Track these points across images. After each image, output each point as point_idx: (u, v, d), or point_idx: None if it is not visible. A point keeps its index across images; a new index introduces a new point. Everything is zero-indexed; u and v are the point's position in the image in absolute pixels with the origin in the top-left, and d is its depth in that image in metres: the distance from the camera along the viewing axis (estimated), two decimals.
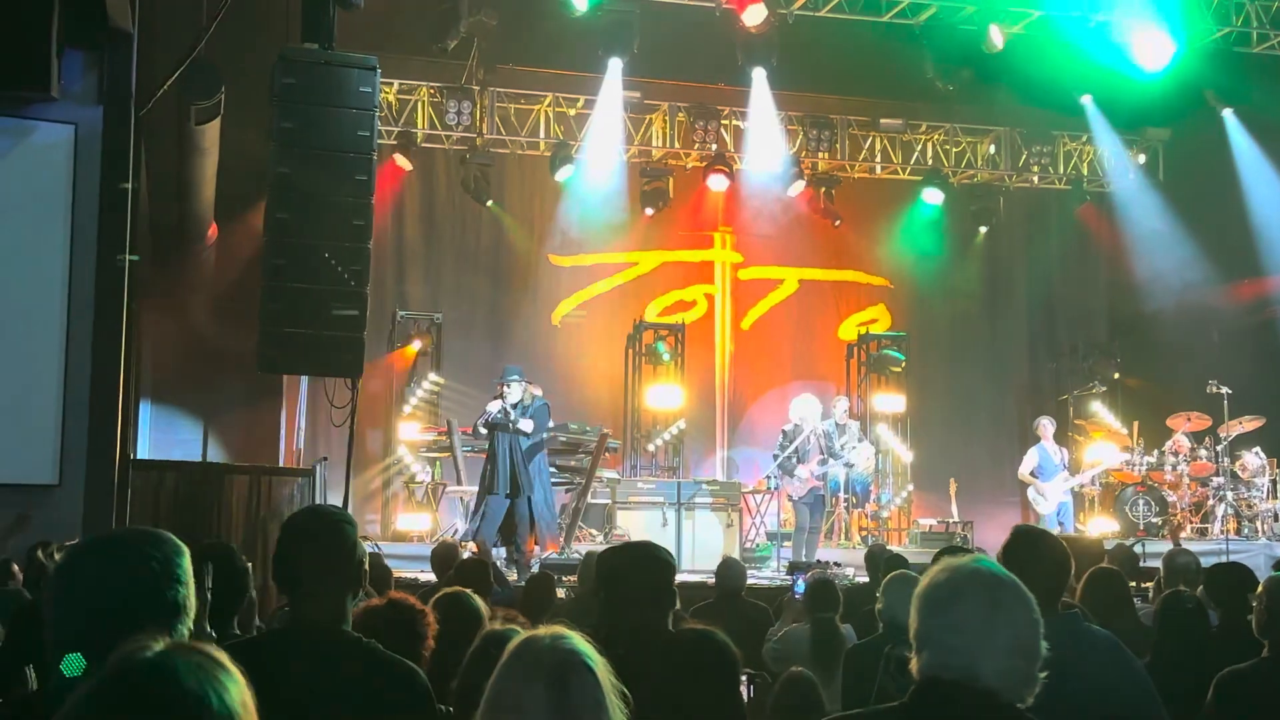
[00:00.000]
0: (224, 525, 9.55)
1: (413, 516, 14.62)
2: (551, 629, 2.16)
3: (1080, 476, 14.85)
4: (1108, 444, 15.62)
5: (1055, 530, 13.47)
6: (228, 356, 13.10)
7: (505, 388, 11.65)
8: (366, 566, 3.17)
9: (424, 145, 16.37)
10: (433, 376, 15.79)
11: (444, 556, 8.56)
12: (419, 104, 16.25)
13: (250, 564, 4.39)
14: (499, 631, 3.39)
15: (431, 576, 8.83)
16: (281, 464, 13.36)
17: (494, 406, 11.65)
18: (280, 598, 5.39)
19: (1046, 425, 14.55)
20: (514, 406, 11.54)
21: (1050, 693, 3.75)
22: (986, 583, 2.38)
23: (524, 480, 11.45)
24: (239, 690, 1.66)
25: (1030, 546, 3.84)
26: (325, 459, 12.13)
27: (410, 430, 15.32)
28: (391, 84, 15.74)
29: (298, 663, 2.91)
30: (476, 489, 12.11)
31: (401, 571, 9.91)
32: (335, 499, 10.49)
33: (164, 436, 14.46)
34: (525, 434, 11.53)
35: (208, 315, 14.13)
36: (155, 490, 9.70)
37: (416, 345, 15.80)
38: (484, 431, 11.86)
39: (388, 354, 15.66)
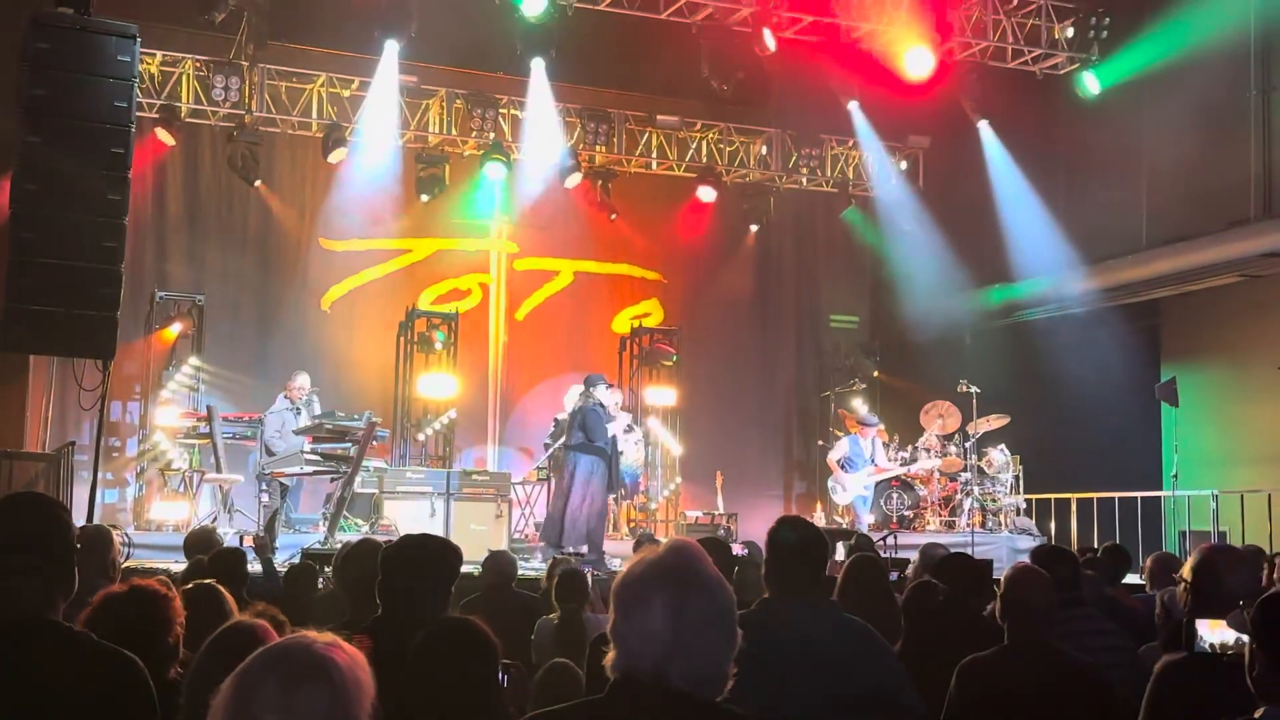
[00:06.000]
0: None
1: (168, 504, 14.02)
2: (323, 634, 2.08)
3: (884, 474, 15.14)
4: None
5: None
6: None
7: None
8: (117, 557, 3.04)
9: (188, 120, 15.75)
10: (193, 360, 15.19)
11: (198, 543, 8.26)
12: (184, 77, 15.63)
13: None
14: (242, 624, 3.29)
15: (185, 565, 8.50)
16: (26, 448, 12.69)
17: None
18: None
19: (866, 423, 15.14)
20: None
21: (808, 677, 3.88)
22: (676, 583, 2.35)
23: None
24: None
25: (791, 532, 4.03)
26: (73, 443, 11.58)
27: (168, 415, 14.70)
28: (154, 55, 15.14)
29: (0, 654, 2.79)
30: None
31: (152, 561, 9.55)
32: (82, 485, 10.02)
33: None
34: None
35: None
36: None
37: (176, 328, 15.17)
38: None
39: (145, 335, 15.00)
